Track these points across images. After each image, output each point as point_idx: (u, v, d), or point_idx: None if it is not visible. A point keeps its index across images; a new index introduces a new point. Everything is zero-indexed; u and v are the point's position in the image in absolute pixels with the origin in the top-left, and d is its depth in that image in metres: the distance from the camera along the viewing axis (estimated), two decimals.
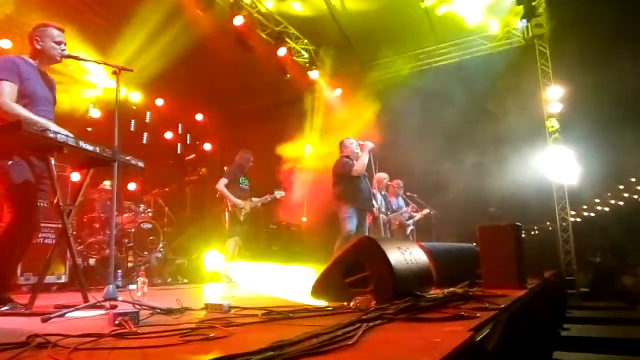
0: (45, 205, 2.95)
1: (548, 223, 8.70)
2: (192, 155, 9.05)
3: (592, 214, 16.49)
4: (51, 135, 2.57)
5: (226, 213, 6.55)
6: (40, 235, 4.88)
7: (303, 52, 9.48)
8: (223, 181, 6.51)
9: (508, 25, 8.95)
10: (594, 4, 7.52)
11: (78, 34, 6.48)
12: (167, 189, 7.69)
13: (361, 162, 5.47)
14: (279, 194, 6.97)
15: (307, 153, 10.13)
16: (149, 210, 7.10)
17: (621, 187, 16.03)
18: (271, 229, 9.76)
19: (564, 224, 8.43)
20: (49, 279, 5.00)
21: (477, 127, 8.44)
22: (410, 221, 7.96)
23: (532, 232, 8.83)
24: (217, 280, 6.58)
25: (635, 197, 15.92)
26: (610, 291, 7.70)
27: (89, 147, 2.76)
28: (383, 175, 7.33)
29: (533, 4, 7.96)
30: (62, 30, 3.10)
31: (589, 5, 7.53)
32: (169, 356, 1.44)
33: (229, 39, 7.70)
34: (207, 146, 11.13)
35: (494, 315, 1.99)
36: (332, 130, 8.54)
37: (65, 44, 3.10)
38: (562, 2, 8.00)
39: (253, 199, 6.78)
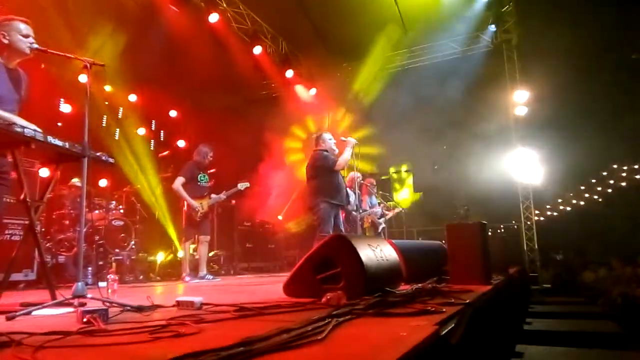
0: (12, 201, 2.87)
1: (513, 222, 8.98)
2: (166, 152, 8.93)
3: (555, 213, 17.06)
4: (18, 129, 2.52)
5: (183, 213, 6.39)
6: (6, 232, 4.75)
7: (278, 50, 9.47)
8: (179, 180, 6.27)
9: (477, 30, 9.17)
10: (560, 12, 7.80)
11: (48, 27, 6.29)
12: (138, 186, 7.57)
13: (344, 158, 5.44)
14: (242, 185, 6.82)
15: (284, 150, 10.12)
16: (120, 207, 6.97)
17: (582, 187, 16.64)
18: (245, 226, 9.73)
19: (528, 222, 8.72)
20: (16, 276, 4.87)
21: (445, 129, 8.63)
22: (382, 219, 8.08)
23: (498, 231, 9.08)
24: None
25: (596, 197, 16.56)
26: (572, 287, 7.99)
27: (58, 142, 2.71)
28: (356, 174, 7.41)
29: (502, 10, 8.19)
30: (28, 23, 3.02)
31: (555, 13, 7.80)
32: (138, 353, 1.43)
33: (204, 36, 7.63)
34: (181, 143, 10.99)
35: (459, 310, 2.06)
36: (307, 128, 8.57)
37: (33, 37, 3.03)
38: (530, 10, 8.25)
39: (213, 195, 6.62)
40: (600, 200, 16.29)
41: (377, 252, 2.93)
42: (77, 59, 2.84)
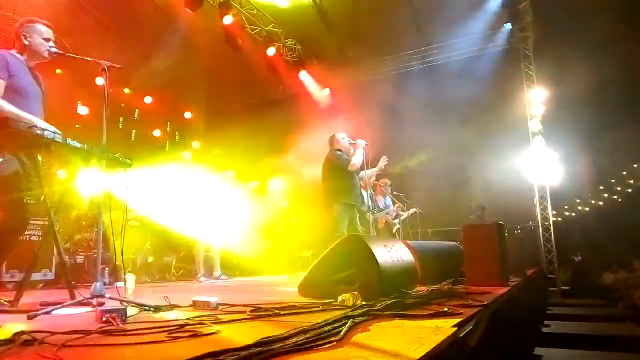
0: (32, 202, 2.92)
1: (530, 222, 8.85)
2: (182, 153, 9.03)
3: (573, 214, 16.77)
4: (38, 132, 2.55)
5: None
6: (26, 232, 4.82)
7: (292, 52, 9.49)
8: None
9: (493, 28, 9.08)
10: (578, 8, 7.66)
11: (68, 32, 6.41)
12: None
13: (358, 159, 5.35)
14: (252, 184, 6.89)
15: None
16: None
17: (602, 187, 16.33)
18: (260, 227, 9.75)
19: (545, 223, 8.58)
20: (36, 276, 4.94)
21: (462, 128, 8.54)
22: (397, 220, 8.03)
23: (515, 232, 8.96)
24: None
25: (615, 197, 16.25)
26: (591, 289, 7.85)
27: (77, 145, 2.75)
28: (370, 174, 7.38)
29: (518, 8, 8.08)
30: (50, 27, 3.07)
31: (572, 10, 7.67)
32: (157, 353, 1.45)
33: (218, 38, 7.68)
34: (196, 144, 11.09)
35: (477, 312, 2.04)
36: (321, 129, 8.56)
37: (53, 41, 3.07)
38: (546, 7, 8.13)
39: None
40: (619, 200, 15.99)
41: (392, 253, 2.92)
42: (95, 62, 2.87)
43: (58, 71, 7.28)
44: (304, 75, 9.83)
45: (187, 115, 11.06)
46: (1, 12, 6.33)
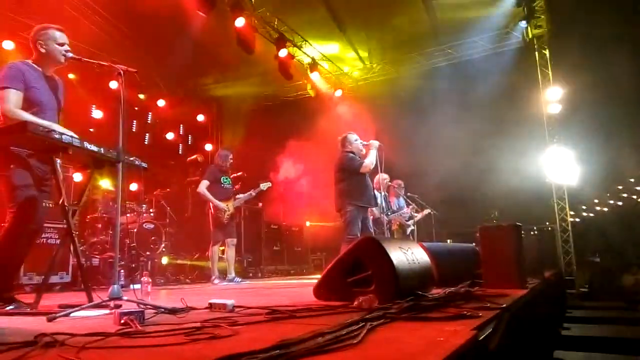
0: (49, 205, 2.97)
1: (547, 223, 8.72)
2: (194, 156, 9.08)
3: (592, 215, 16.50)
4: (56, 136, 2.59)
5: (209, 216, 6.46)
6: (43, 236, 4.90)
7: (304, 53, 9.50)
8: (204, 183, 6.39)
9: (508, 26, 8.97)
10: (594, 5, 7.55)
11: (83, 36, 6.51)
12: (168, 190, 7.72)
13: (370, 160, 5.35)
14: (265, 185, 6.88)
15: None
16: (151, 210, 7.13)
17: (620, 187, 16.05)
18: (272, 229, 9.79)
19: (563, 224, 8.45)
20: (52, 278, 5.02)
21: (476, 128, 8.45)
22: (411, 222, 7.99)
23: (532, 233, 8.84)
24: None
25: (634, 197, 15.95)
26: (610, 291, 7.72)
27: (94, 148, 2.78)
28: (383, 176, 7.35)
29: (533, 5, 7.98)
30: (62, 31, 3.12)
31: (588, 7, 7.55)
32: (176, 355, 1.45)
33: (230, 40, 7.73)
34: (208, 147, 11.17)
35: (496, 314, 2.00)
36: (334, 130, 8.55)
37: (67, 45, 3.12)
38: (562, 4, 8.02)
39: (238, 196, 6.71)
40: (639, 200, 15.69)
41: (408, 255, 2.89)
42: (110, 66, 2.90)
43: (71, 75, 7.39)
44: (315, 76, 9.84)
45: (200, 117, 11.15)
46: (20, 19, 6.44)
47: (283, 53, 8.64)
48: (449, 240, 8.64)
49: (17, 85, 2.86)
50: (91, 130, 7.82)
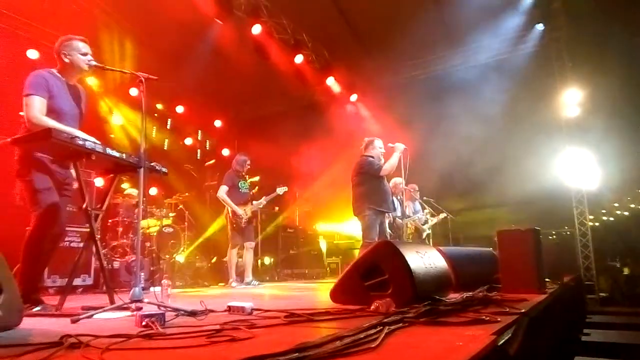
0: (73, 210, 3.05)
1: (566, 227, 8.57)
2: (212, 161, 9.20)
3: (612, 219, 16.11)
4: (80, 142, 2.67)
5: (227, 220, 6.52)
6: (66, 239, 5.01)
7: (319, 58, 9.54)
8: (223, 188, 6.46)
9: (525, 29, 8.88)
10: (612, 6, 7.42)
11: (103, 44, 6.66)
12: (187, 194, 7.82)
13: (391, 163, 5.33)
14: (281, 189, 6.90)
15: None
16: (170, 214, 7.23)
17: None
18: (289, 232, 9.84)
19: (582, 228, 8.30)
20: (75, 281, 5.13)
21: (494, 131, 8.36)
22: (426, 225, 7.94)
23: (549, 237, 8.69)
24: None
25: None
26: (631, 296, 7.55)
27: (116, 154, 2.85)
28: (398, 180, 7.33)
29: (550, 7, 7.89)
30: (85, 42, 3.21)
31: (606, 7, 7.43)
32: (198, 357, 1.48)
33: (246, 46, 7.81)
34: (226, 152, 11.29)
35: (515, 319, 1.99)
36: (350, 135, 8.55)
37: (90, 54, 3.21)
38: (579, 5, 7.90)
39: (255, 201, 6.77)
40: None
41: (425, 259, 2.89)
42: (132, 74, 2.98)
43: (91, 82, 7.57)
44: (331, 81, 9.88)
45: (218, 123, 11.27)
46: (45, 29, 6.63)
47: (299, 59, 8.70)
48: (465, 245, 8.55)
49: (42, 92, 2.96)
50: (112, 136, 7.97)
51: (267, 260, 9.15)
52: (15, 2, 6.41)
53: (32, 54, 6.75)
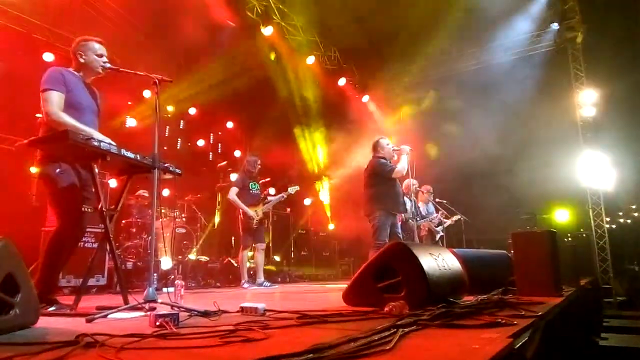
0: (89, 210, 3.07)
1: (582, 230, 8.44)
2: (224, 163, 9.24)
3: (629, 221, 15.83)
4: (95, 143, 2.69)
5: (239, 222, 6.54)
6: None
7: (331, 59, 9.55)
8: (234, 190, 6.48)
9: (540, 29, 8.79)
10: (627, 4, 7.31)
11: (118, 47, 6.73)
12: (199, 195, 7.87)
13: (402, 165, 5.31)
14: (292, 189, 6.91)
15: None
16: (183, 215, 7.28)
17: None
18: (300, 234, 9.85)
19: (599, 230, 8.16)
20: (89, 281, 5.18)
21: (509, 132, 8.27)
22: (440, 227, 7.87)
23: (565, 239, 8.57)
24: None
25: None
26: None
27: (131, 155, 2.87)
28: (412, 181, 7.27)
29: (565, 7, 7.80)
30: (102, 44, 3.24)
31: (621, 7, 7.31)
32: (212, 357, 1.48)
33: (258, 48, 7.85)
34: (238, 153, 11.33)
35: (531, 322, 1.96)
36: (362, 135, 8.53)
37: (106, 56, 3.24)
38: (595, 5, 7.79)
39: (267, 199, 6.77)
40: None
41: (439, 261, 2.86)
42: (147, 76, 3.00)
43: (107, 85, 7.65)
44: (342, 82, 9.87)
45: (229, 124, 11.33)
46: (61, 32, 6.73)
47: (310, 60, 8.71)
48: (479, 247, 8.46)
49: (59, 87, 2.98)
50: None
51: (278, 261, 9.16)
52: (31, 5, 6.51)
53: (48, 56, 6.85)
